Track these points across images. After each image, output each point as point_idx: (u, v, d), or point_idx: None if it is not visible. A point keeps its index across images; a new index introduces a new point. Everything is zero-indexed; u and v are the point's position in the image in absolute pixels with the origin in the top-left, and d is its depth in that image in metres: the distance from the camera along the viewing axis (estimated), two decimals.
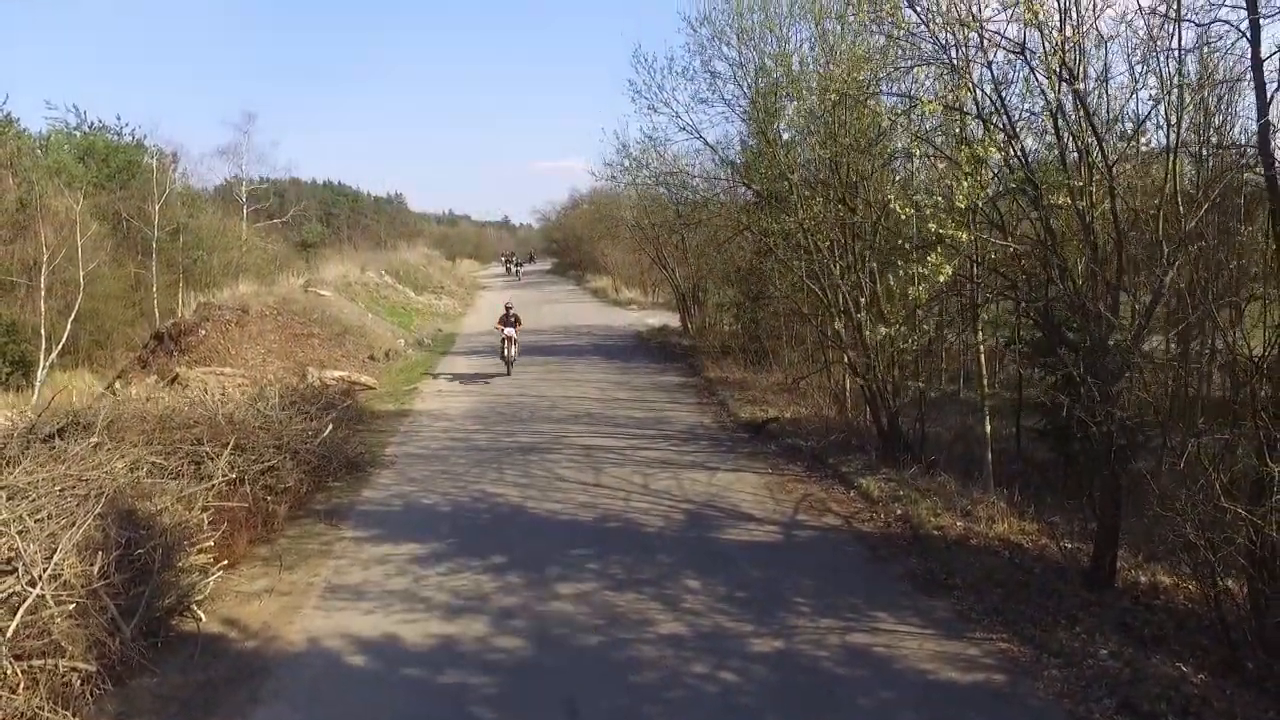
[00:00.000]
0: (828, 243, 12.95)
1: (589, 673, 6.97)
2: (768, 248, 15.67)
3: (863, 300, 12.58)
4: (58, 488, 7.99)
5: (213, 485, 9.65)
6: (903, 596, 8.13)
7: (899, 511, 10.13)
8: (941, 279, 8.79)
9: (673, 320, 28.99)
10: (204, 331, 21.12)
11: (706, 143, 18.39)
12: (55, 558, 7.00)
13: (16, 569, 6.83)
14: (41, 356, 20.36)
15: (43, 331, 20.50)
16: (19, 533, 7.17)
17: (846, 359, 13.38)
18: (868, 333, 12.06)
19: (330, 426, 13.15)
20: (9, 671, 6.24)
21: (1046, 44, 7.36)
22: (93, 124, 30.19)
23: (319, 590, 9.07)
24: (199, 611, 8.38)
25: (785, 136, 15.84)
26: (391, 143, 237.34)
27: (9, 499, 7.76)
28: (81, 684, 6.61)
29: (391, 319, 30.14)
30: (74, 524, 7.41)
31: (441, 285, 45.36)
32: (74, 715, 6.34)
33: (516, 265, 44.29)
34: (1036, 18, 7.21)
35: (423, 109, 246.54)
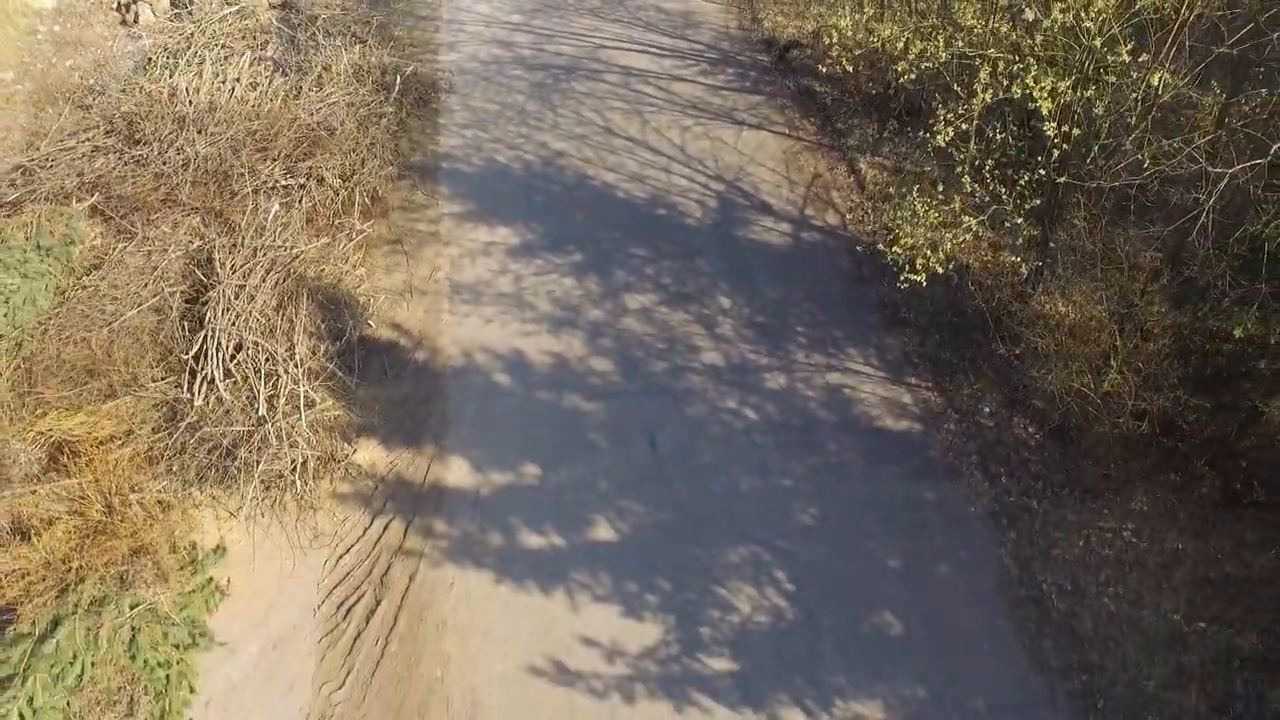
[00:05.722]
0: None
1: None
2: None
3: None
4: (262, 271, 10.83)
5: (355, 230, 12.26)
6: (870, 331, 11.59)
7: (884, 219, 12.79)
8: None
9: None
10: None
11: None
12: (297, 353, 10.37)
13: (277, 371, 10.24)
14: None
15: None
16: (263, 333, 10.39)
17: None
18: None
19: (399, 81, 14.65)
20: (313, 439, 10.12)
21: None
22: None
23: (446, 292, 12.37)
24: (372, 323, 11.95)
25: None
26: None
27: (237, 298, 10.69)
28: (334, 421, 10.59)
29: None
30: (291, 321, 10.56)
31: None
32: (341, 439, 10.45)
33: None
34: None
35: None
